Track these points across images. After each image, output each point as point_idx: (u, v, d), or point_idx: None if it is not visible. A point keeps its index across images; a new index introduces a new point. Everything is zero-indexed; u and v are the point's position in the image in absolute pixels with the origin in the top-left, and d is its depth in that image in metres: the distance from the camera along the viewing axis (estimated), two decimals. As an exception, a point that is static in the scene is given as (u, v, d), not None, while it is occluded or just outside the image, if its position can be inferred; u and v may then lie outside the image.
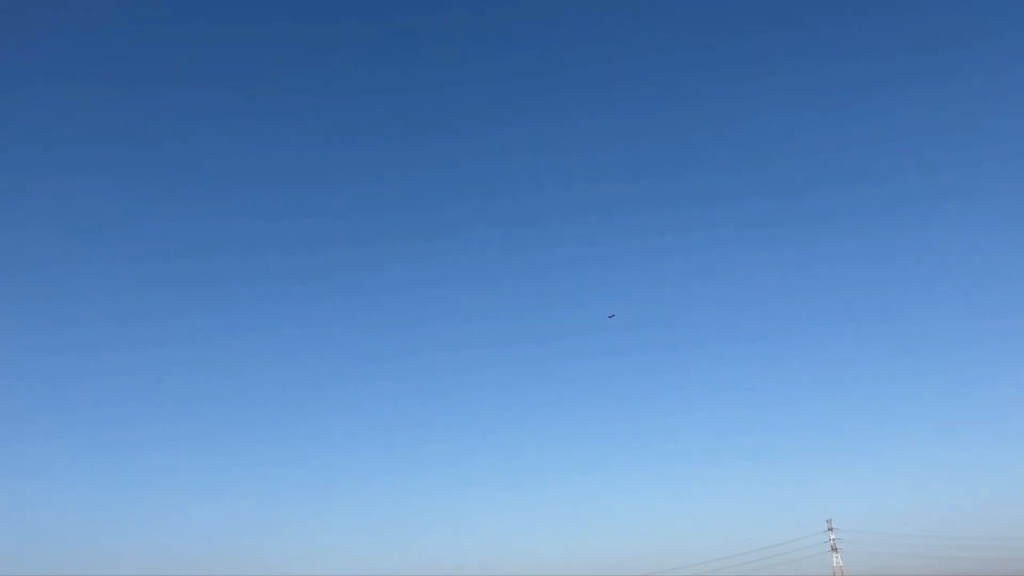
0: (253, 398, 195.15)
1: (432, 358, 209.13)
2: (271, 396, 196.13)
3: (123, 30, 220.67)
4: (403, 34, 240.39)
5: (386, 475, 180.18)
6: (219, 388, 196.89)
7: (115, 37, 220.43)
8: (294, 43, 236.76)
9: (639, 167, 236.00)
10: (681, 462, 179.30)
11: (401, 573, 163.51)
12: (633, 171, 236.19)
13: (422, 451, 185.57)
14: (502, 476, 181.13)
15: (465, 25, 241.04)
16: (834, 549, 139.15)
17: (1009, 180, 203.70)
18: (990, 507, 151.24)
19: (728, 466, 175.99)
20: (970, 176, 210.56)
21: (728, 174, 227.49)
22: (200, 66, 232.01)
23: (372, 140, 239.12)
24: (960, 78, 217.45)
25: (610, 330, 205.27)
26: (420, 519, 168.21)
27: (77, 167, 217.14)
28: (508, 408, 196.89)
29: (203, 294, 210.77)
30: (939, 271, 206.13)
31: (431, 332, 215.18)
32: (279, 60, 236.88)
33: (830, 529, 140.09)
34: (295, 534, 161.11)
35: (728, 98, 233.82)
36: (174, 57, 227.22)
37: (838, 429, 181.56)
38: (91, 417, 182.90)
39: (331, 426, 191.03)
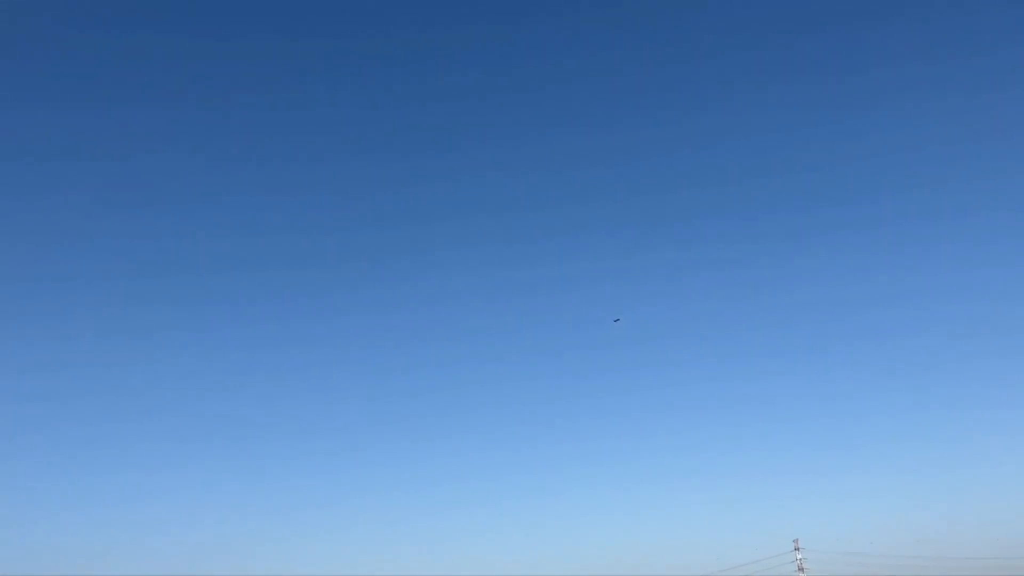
0: (255, 406, 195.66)
1: (432, 371, 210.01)
2: (274, 406, 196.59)
3: (114, 41, 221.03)
4: (400, 47, 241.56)
5: (391, 488, 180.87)
6: (221, 393, 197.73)
7: (102, 51, 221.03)
8: (287, 56, 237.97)
9: (645, 179, 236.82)
10: (647, 480, 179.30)
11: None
12: (639, 183, 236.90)
13: (420, 465, 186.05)
14: (473, 491, 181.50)
15: (463, 39, 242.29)
16: (800, 569, 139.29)
17: (1011, 194, 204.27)
18: (957, 527, 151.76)
19: (694, 484, 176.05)
20: (970, 190, 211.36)
21: (734, 186, 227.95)
22: (194, 79, 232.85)
23: (372, 153, 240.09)
24: (965, 88, 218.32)
25: (591, 349, 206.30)
26: (417, 534, 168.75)
27: (62, 183, 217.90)
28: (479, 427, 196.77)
29: (202, 310, 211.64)
30: (923, 288, 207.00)
31: (433, 345, 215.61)
32: (272, 73, 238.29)
33: (797, 549, 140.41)
34: (293, 545, 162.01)
35: (736, 110, 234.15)
36: (163, 69, 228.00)
37: (806, 448, 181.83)
38: (90, 419, 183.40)
39: (331, 442, 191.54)
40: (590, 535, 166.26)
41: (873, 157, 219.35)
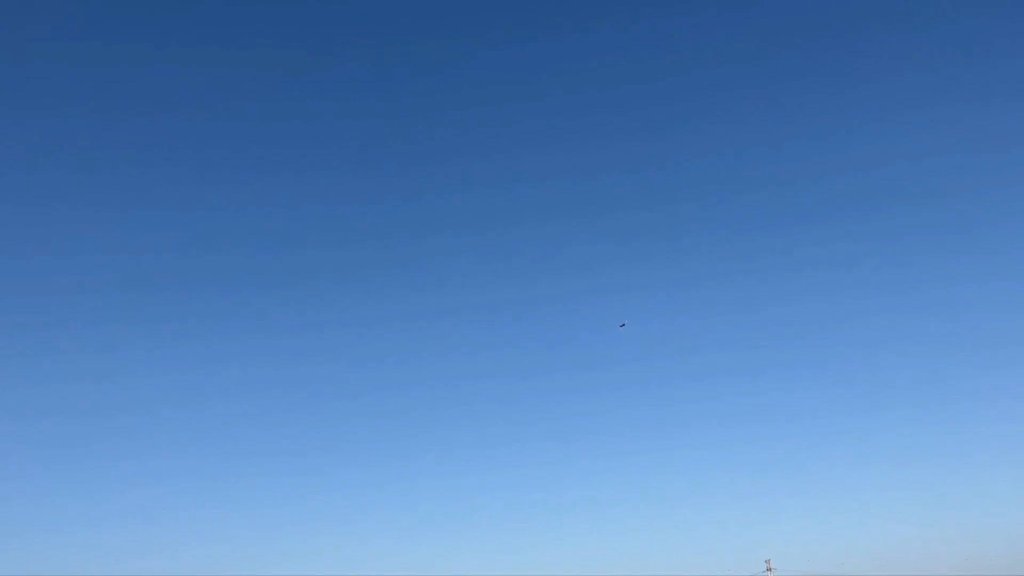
0: (260, 415, 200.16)
1: (434, 378, 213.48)
2: (277, 415, 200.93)
3: (124, 51, 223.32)
4: (404, 59, 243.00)
5: (392, 495, 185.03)
6: (225, 402, 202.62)
7: (112, 60, 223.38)
8: (290, 67, 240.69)
9: (651, 189, 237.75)
10: (619, 499, 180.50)
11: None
12: (645, 193, 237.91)
13: (418, 469, 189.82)
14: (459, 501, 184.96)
15: (469, 50, 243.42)
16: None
17: (1013, 204, 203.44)
18: (928, 549, 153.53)
19: (665, 503, 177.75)
20: (975, 200, 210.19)
21: (738, 196, 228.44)
22: (198, 89, 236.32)
23: (378, 164, 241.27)
24: (968, 97, 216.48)
25: (578, 369, 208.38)
26: (412, 534, 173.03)
27: (66, 191, 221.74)
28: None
29: (205, 321, 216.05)
30: (909, 304, 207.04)
31: (435, 352, 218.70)
32: (276, 84, 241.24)
33: (769, 570, 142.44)
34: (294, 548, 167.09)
35: (741, 120, 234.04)
36: (168, 79, 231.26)
37: (778, 468, 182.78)
38: (88, 417, 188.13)
39: (335, 455, 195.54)
40: (563, 554, 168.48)
41: (880, 167, 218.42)
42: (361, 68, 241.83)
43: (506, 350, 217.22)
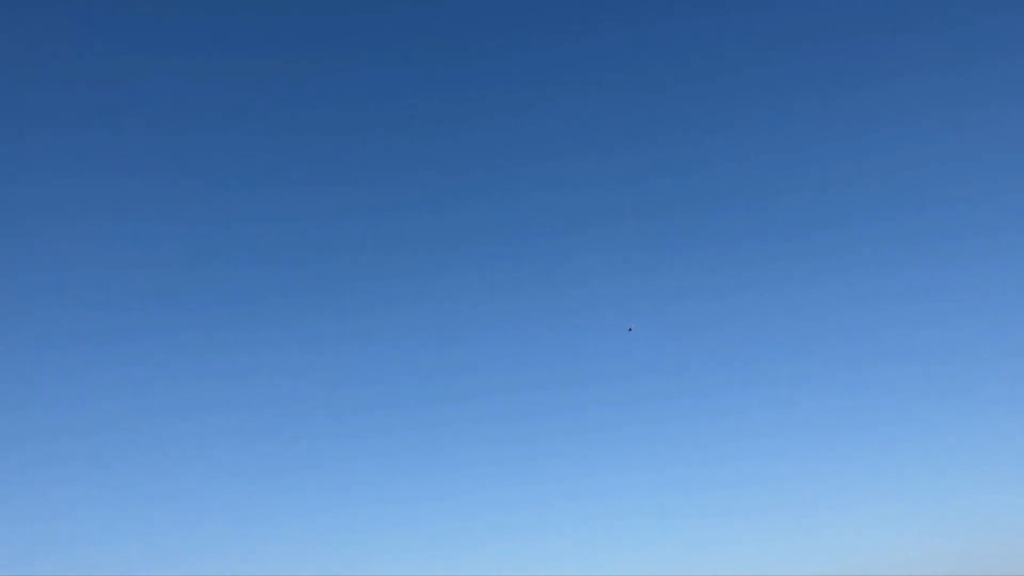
0: (259, 407, 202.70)
1: (438, 385, 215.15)
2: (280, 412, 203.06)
3: (133, 60, 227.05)
4: (406, 68, 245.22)
5: (393, 498, 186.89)
6: (222, 397, 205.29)
7: (118, 69, 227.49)
8: (299, 76, 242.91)
9: (662, 199, 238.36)
10: (598, 516, 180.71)
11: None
12: (656, 203, 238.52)
13: (418, 477, 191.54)
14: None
15: (469, 56, 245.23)
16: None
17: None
18: (915, 566, 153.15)
19: (649, 519, 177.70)
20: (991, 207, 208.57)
21: (751, 205, 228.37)
22: (200, 96, 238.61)
23: (388, 173, 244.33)
24: (985, 99, 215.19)
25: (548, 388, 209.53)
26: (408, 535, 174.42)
27: (66, 200, 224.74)
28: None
29: (212, 334, 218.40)
30: (902, 314, 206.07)
31: (441, 372, 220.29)
32: (285, 94, 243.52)
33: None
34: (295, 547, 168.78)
35: (756, 128, 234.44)
36: (169, 86, 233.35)
37: (763, 483, 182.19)
38: (89, 418, 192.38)
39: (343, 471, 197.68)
40: (556, 560, 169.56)
41: (894, 171, 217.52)
42: (365, 77, 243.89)
43: (506, 359, 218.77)
